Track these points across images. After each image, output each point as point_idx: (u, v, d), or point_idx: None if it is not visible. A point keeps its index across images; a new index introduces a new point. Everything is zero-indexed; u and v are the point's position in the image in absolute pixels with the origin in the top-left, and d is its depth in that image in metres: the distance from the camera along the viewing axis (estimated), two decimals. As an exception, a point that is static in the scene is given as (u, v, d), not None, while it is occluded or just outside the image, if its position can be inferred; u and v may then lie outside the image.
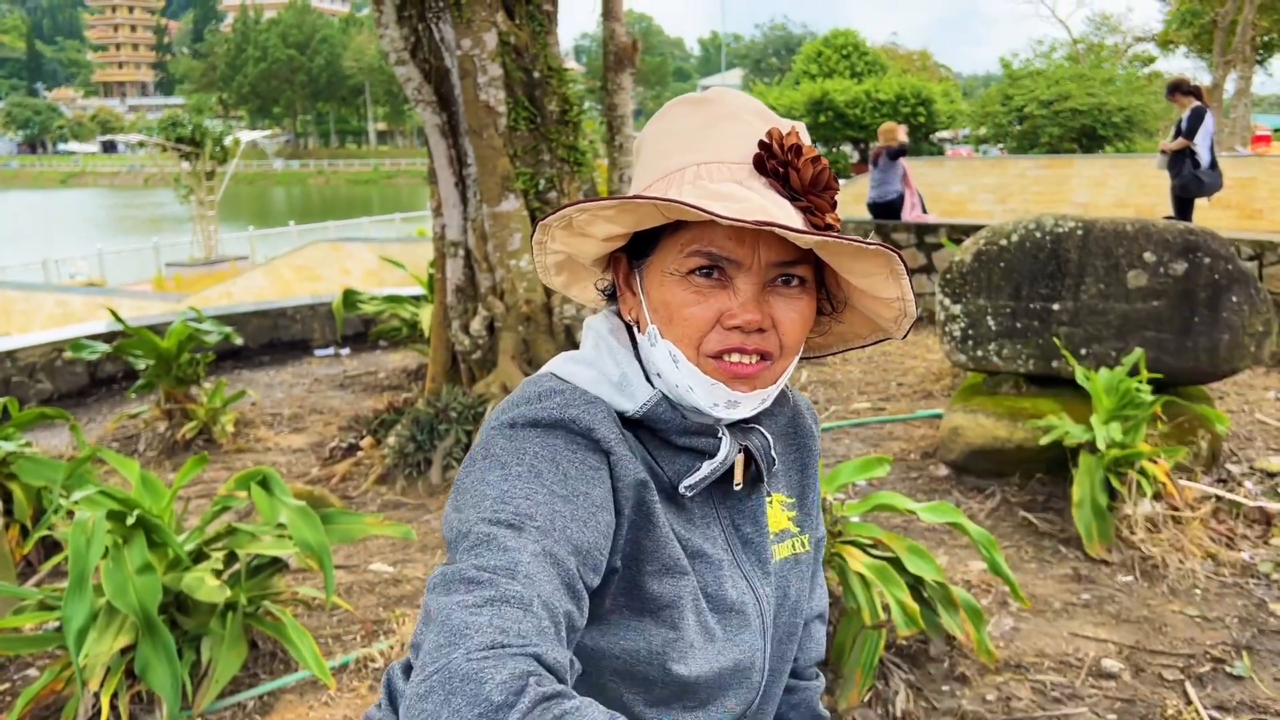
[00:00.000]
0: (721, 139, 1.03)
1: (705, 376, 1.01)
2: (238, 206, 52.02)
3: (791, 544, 1.18)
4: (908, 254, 9.71)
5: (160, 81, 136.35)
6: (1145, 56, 38.56)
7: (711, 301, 1.00)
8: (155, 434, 6.11)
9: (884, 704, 3.02)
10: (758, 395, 1.03)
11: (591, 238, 1.04)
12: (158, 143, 24.19)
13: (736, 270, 1.00)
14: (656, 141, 1.08)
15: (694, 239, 1.00)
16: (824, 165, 1.01)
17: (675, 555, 1.02)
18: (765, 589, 1.11)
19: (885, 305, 1.04)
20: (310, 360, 8.72)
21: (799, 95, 34.66)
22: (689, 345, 1.01)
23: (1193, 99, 9.19)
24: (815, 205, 1.01)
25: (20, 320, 16.32)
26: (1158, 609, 3.69)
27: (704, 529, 1.08)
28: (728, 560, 1.09)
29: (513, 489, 0.91)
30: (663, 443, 1.06)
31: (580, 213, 1.00)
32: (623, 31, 6.26)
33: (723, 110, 1.05)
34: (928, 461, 5.24)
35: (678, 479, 1.05)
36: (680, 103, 1.09)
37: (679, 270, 1.01)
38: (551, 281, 1.16)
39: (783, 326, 1.01)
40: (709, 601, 1.05)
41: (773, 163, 1.01)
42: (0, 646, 3.08)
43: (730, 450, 1.06)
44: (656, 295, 1.03)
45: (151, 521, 3.08)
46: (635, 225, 1.01)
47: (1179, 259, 4.83)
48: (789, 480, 1.21)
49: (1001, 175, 16.03)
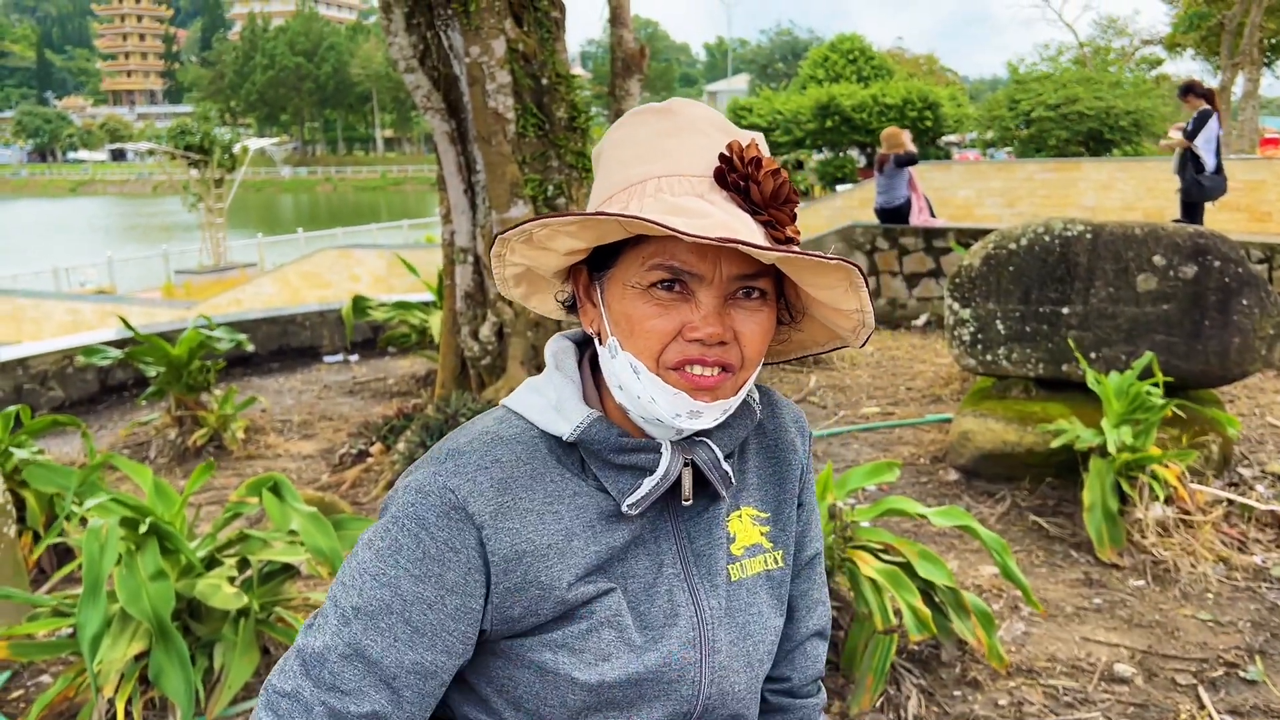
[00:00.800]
0: (682, 151, 1.03)
1: (667, 387, 1.01)
2: (246, 214, 52.20)
3: (764, 559, 1.17)
4: (915, 259, 9.71)
5: (169, 90, 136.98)
6: (1152, 59, 38.51)
7: (673, 314, 1.01)
8: (166, 441, 6.14)
9: (895, 709, 3.02)
10: (719, 405, 1.03)
11: (553, 251, 1.04)
12: (167, 151, 24.31)
13: (698, 284, 1.00)
14: (615, 151, 1.08)
15: (655, 253, 1.00)
16: (784, 178, 1.02)
17: (581, 589, 1.04)
18: (711, 601, 1.11)
19: (844, 316, 1.05)
20: (320, 367, 8.74)
21: (805, 100, 34.65)
22: (649, 357, 1.02)
23: (1202, 102, 9.20)
24: (776, 219, 1.01)
25: (31, 328, 16.39)
26: (1170, 613, 3.68)
27: (651, 543, 1.09)
28: (674, 573, 1.09)
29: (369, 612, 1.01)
30: (605, 462, 1.07)
31: (541, 228, 1.00)
32: (630, 38, 6.27)
33: (683, 121, 1.05)
34: (937, 466, 5.23)
35: (622, 496, 1.06)
36: (640, 112, 1.08)
37: (640, 283, 1.01)
38: (510, 293, 1.17)
39: (744, 339, 1.02)
40: (635, 615, 1.06)
41: (734, 176, 1.01)
42: (14, 653, 3.09)
43: (672, 465, 1.06)
44: (618, 308, 1.04)
45: (164, 528, 3.09)
46: (597, 240, 1.02)
47: (1189, 262, 4.82)
48: (763, 494, 1.20)
49: (1009, 179, 16.01)
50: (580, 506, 1.06)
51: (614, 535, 1.07)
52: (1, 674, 3.42)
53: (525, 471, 1.05)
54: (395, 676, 1.01)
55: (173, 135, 24.33)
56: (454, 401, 5.57)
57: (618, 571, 1.07)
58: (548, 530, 1.03)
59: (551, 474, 1.06)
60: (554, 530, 1.04)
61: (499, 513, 1.02)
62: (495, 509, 1.02)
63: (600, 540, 1.06)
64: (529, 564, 1.02)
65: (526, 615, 1.03)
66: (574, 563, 1.04)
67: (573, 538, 1.04)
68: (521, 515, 1.03)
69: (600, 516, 1.06)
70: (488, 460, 1.04)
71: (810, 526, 1.27)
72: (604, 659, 1.04)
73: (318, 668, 1.01)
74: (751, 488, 1.19)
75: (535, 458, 1.06)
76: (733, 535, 1.15)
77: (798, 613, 1.27)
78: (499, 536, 1.01)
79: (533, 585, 1.02)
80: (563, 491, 1.06)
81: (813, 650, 1.29)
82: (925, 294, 9.67)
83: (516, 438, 1.07)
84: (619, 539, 1.07)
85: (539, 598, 1.02)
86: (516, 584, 1.02)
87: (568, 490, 1.06)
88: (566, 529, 1.04)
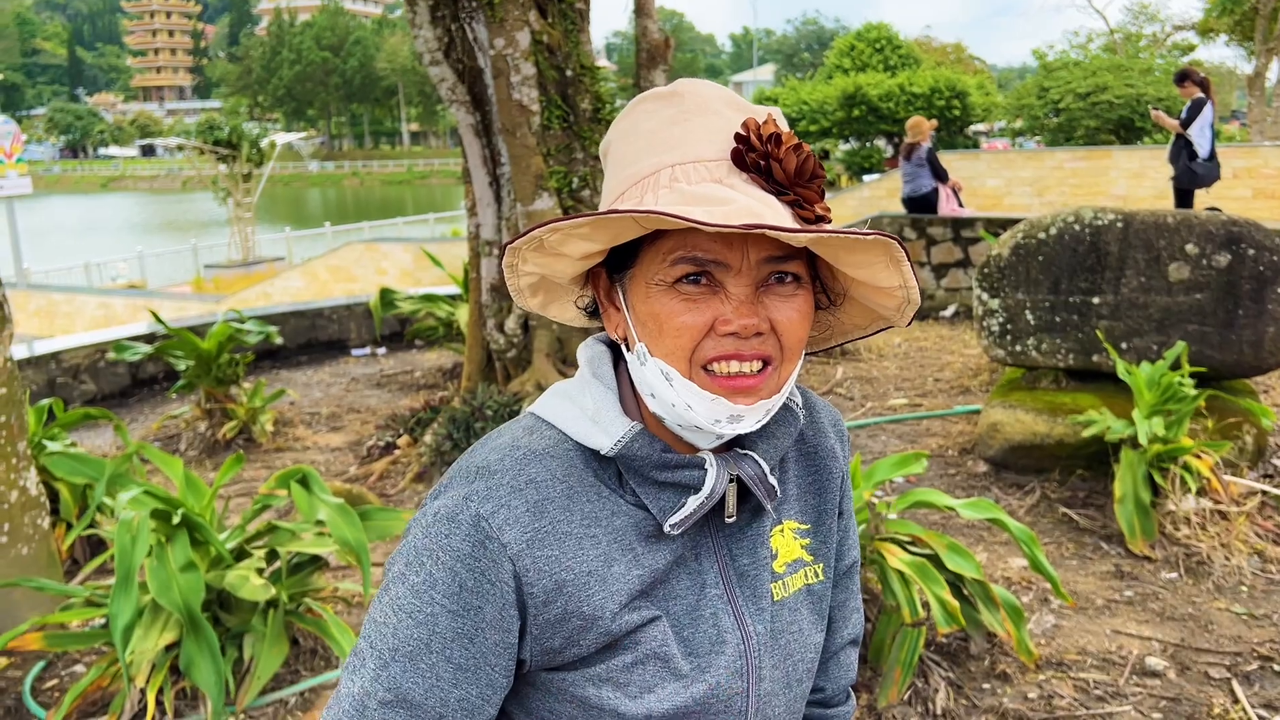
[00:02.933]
0: (694, 135, 0.96)
1: (703, 392, 0.95)
2: (274, 208, 52.59)
3: (805, 573, 1.12)
4: (943, 249, 9.64)
5: (197, 85, 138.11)
6: (1185, 45, 37.94)
7: (703, 308, 0.94)
8: (196, 433, 6.19)
9: (924, 702, 3.00)
10: (761, 407, 0.97)
11: (567, 257, 0.98)
12: (196, 146, 24.51)
13: (725, 274, 0.94)
14: (623, 143, 1.01)
15: (677, 245, 0.94)
16: (807, 152, 0.95)
17: (625, 618, 0.98)
18: (757, 626, 1.05)
19: (886, 294, 0.98)
20: (347, 360, 8.79)
21: (832, 90, 34.44)
22: (681, 359, 0.95)
23: (1197, 89, 9.21)
24: (803, 197, 0.94)
25: (63, 322, 16.61)
26: (1203, 606, 3.63)
27: (693, 563, 1.03)
28: (717, 594, 1.03)
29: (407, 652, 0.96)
30: (646, 479, 1.00)
31: (551, 233, 0.94)
32: (655, 28, 6.25)
33: (692, 104, 0.98)
34: (966, 458, 5.19)
35: (664, 516, 0.99)
36: (646, 99, 1.01)
37: (665, 280, 0.95)
38: (527, 304, 1.10)
39: (781, 327, 0.96)
40: (680, 641, 1.01)
41: (753, 156, 0.94)
42: (48, 643, 3.13)
43: (718, 482, 1.00)
44: (643, 308, 0.97)
45: (194, 520, 3.12)
46: (613, 240, 0.95)
47: (1222, 251, 4.75)
48: (803, 505, 1.14)
49: (1038, 168, 15.85)
50: (618, 528, 0.99)
51: (656, 557, 1.00)
52: (36, 664, 3.47)
53: (561, 491, 0.98)
54: (441, 716, 0.96)
55: (201, 130, 24.53)
56: (480, 394, 5.59)
57: (660, 594, 1.01)
58: (586, 556, 0.97)
59: (588, 492, 0.99)
60: (593, 556, 0.97)
61: (535, 540, 0.95)
62: (531, 537, 0.95)
63: (642, 563, 0.99)
64: (569, 594, 0.96)
65: (568, 646, 0.97)
66: (616, 590, 0.97)
67: (612, 563, 0.98)
68: (559, 541, 0.96)
69: (640, 538, 1.00)
70: (521, 480, 0.97)
71: (848, 534, 1.21)
72: (649, 690, 0.98)
73: (358, 716, 0.96)
74: (792, 499, 1.12)
75: (571, 475, 0.99)
76: (774, 552, 1.09)
77: (834, 623, 1.22)
78: (537, 567, 0.95)
79: (574, 616, 0.96)
80: (600, 512, 0.99)
81: (846, 659, 1.25)
82: (953, 284, 9.60)
83: (550, 451, 1.00)
84: (661, 560, 1.00)
85: (581, 629, 0.97)
86: (557, 616, 0.96)
87: (605, 510, 0.99)
88: (605, 554, 0.98)
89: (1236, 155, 13.93)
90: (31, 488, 3.77)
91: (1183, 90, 9.54)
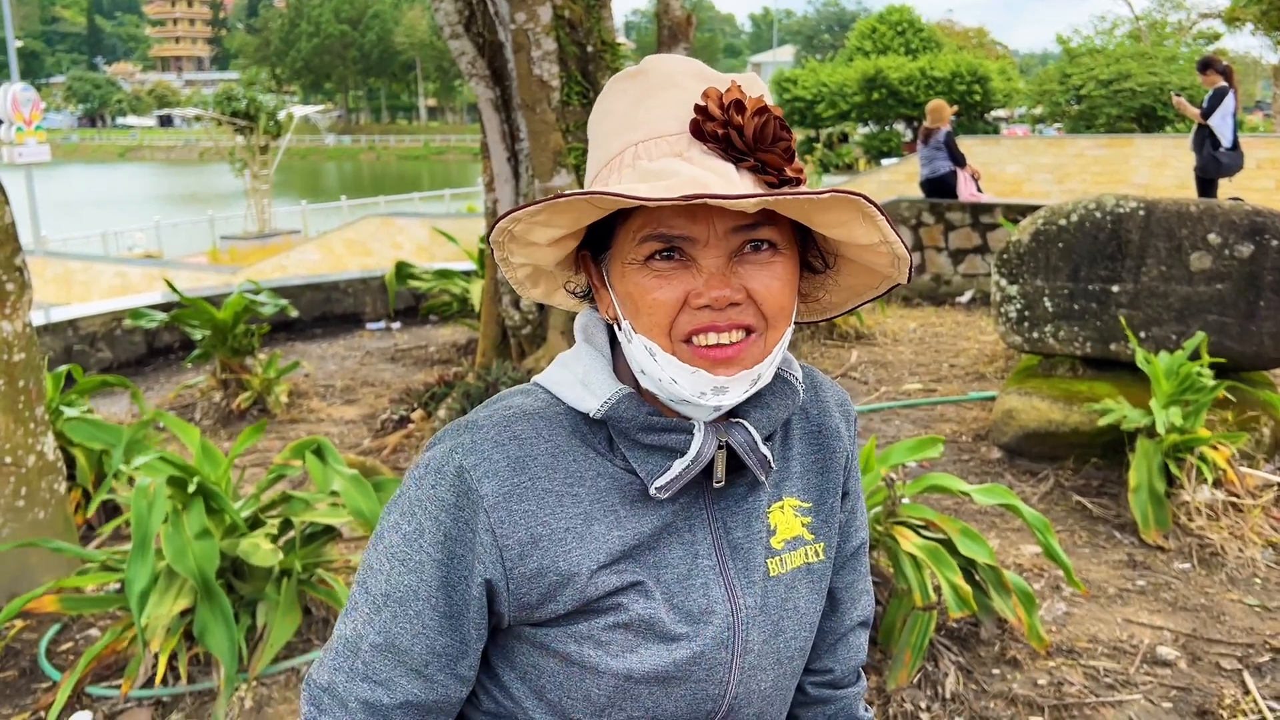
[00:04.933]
0: (658, 111, 0.97)
1: (685, 365, 0.95)
2: (290, 181, 52.64)
3: (805, 552, 1.11)
4: (961, 234, 9.58)
5: (215, 56, 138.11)
6: (1211, 34, 37.53)
7: (675, 283, 0.95)
8: (211, 403, 6.22)
9: (933, 685, 3.00)
10: (745, 377, 0.97)
11: (538, 245, 0.99)
12: (213, 117, 24.53)
13: (694, 247, 0.94)
14: (598, 125, 1.02)
15: (644, 224, 0.94)
16: (770, 116, 0.93)
17: (604, 579, 0.99)
18: (748, 599, 1.05)
19: (874, 252, 0.97)
20: (362, 333, 8.81)
21: (852, 72, 34.22)
22: (660, 334, 0.96)
23: (1220, 78, 9.13)
24: (766, 162, 0.93)
25: (80, 290, 16.70)
26: (1216, 597, 3.62)
27: (685, 532, 1.03)
28: (709, 565, 1.03)
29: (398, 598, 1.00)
30: (633, 441, 1.01)
31: (514, 223, 0.96)
32: (677, 5, 6.21)
33: (658, 80, 0.98)
34: (980, 444, 5.18)
35: (651, 479, 1.00)
36: (617, 79, 1.02)
37: (637, 258, 0.96)
38: (530, 294, 1.11)
39: (759, 295, 0.95)
40: (669, 608, 1.01)
41: (711, 125, 0.93)
42: (64, 606, 3.16)
43: (704, 447, 1.00)
44: (621, 287, 0.99)
45: (210, 488, 3.14)
46: (576, 223, 0.96)
47: (1245, 241, 4.71)
48: (806, 483, 1.13)
49: (1059, 155, 15.73)
50: (602, 489, 1.01)
51: (641, 521, 1.01)
52: (51, 626, 3.50)
53: (546, 449, 1.00)
54: (427, 664, 0.99)
55: (219, 101, 24.54)
56: (495, 370, 5.59)
57: (649, 561, 1.01)
58: (566, 514, 0.99)
59: (575, 453, 1.01)
60: (573, 514, 0.99)
61: (513, 494, 0.98)
62: (509, 490, 0.98)
63: (625, 525, 1.00)
64: (545, 549, 0.98)
65: (545, 602, 0.99)
66: (594, 548, 0.99)
67: (593, 522, 0.99)
68: (539, 497, 0.98)
69: (625, 500, 1.01)
70: (505, 436, 1.00)
71: (856, 515, 1.21)
72: (631, 650, 0.99)
73: (351, 657, 1.00)
74: (795, 476, 1.12)
75: (558, 434, 1.01)
76: (773, 528, 1.09)
77: (842, 605, 1.21)
78: (512, 520, 0.97)
79: (550, 571, 0.98)
80: (585, 472, 1.01)
81: (855, 641, 1.24)
82: (971, 270, 9.54)
83: (540, 412, 1.03)
84: (647, 525, 1.01)
85: (556, 584, 0.98)
86: (533, 570, 0.98)
87: (590, 471, 1.01)
88: (586, 513, 0.99)
89: (1260, 146, 13.80)
90: (49, 452, 3.80)
91: (1205, 79, 9.48)
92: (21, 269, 3.77)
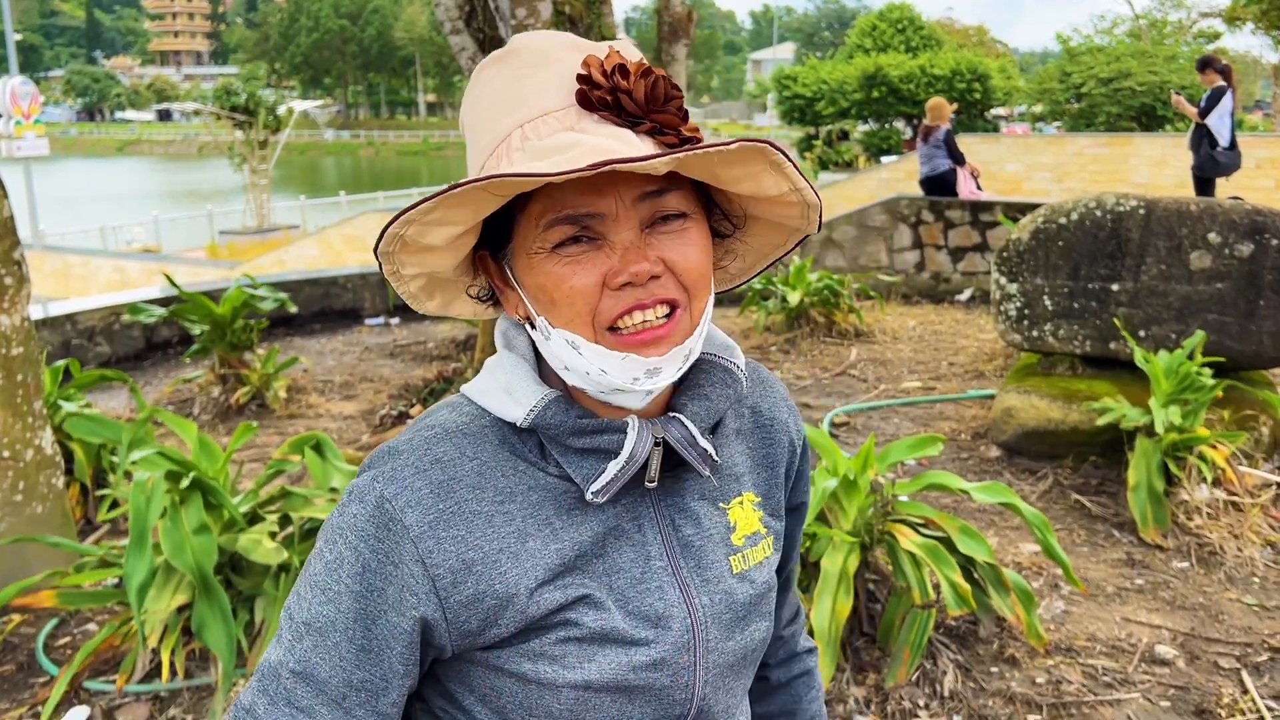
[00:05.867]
0: (538, 88, 0.91)
1: (613, 353, 0.90)
2: (289, 176, 52.59)
3: (763, 546, 1.08)
4: (961, 232, 9.58)
5: (215, 51, 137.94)
6: (1211, 33, 37.52)
7: (589, 266, 0.89)
8: (209, 398, 6.22)
9: (932, 683, 3.00)
10: (677, 354, 0.92)
11: (434, 248, 0.92)
12: (212, 111, 24.50)
13: (603, 224, 0.89)
14: (474, 113, 0.96)
15: (546, 208, 0.89)
16: (657, 76, 0.90)
17: (546, 596, 0.95)
18: (703, 598, 1.00)
19: (783, 204, 0.94)
20: (361, 329, 8.81)
21: (852, 70, 34.18)
22: (583, 324, 0.90)
23: (1219, 77, 9.13)
24: (662, 123, 0.89)
25: (78, 284, 16.68)
26: (1214, 596, 3.62)
27: (634, 534, 0.99)
28: (661, 566, 0.99)
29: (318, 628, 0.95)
30: (565, 447, 0.96)
31: (406, 226, 0.88)
32: (678, 1, 6.20)
33: (530, 57, 0.93)
34: (979, 442, 5.18)
35: (588, 484, 0.95)
36: (486, 64, 0.96)
37: (544, 247, 0.90)
38: (424, 307, 1.03)
39: (677, 266, 0.91)
40: (624, 615, 0.97)
41: (598, 93, 0.89)
42: (62, 600, 3.16)
43: (638, 444, 0.94)
44: (530, 281, 0.93)
45: (208, 483, 3.13)
46: (474, 217, 0.89)
47: (1245, 240, 4.71)
48: (756, 478, 1.10)
49: (1059, 153, 15.72)
50: (535, 503, 0.96)
51: (580, 530, 0.96)
52: (49, 621, 3.49)
53: (471, 469, 0.95)
54: (345, 696, 0.95)
55: (218, 96, 24.50)
56: (493, 366, 5.59)
57: (599, 569, 0.97)
58: (499, 534, 0.94)
59: (504, 467, 0.96)
60: (506, 533, 0.94)
61: (439, 521, 0.92)
62: (435, 518, 0.92)
63: (562, 537, 0.96)
64: (479, 573, 0.93)
65: (487, 627, 0.94)
66: (531, 566, 0.94)
67: (527, 539, 0.94)
68: (467, 520, 0.93)
69: (561, 511, 0.96)
70: (427, 461, 0.94)
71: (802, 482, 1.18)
72: (588, 660, 0.95)
73: (274, 682, 0.96)
74: (748, 471, 1.09)
75: (484, 450, 0.96)
76: (733, 524, 1.05)
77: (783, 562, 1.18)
78: (441, 548, 0.92)
79: (488, 596, 0.93)
80: (516, 487, 0.96)
81: (791, 589, 1.23)
82: (970, 268, 9.54)
83: (464, 428, 0.97)
84: (587, 533, 0.97)
85: (496, 608, 0.93)
86: (470, 596, 0.93)
87: (522, 485, 0.96)
88: (519, 530, 0.94)
89: (1260, 145, 13.79)
90: (47, 447, 3.79)
91: (1204, 78, 9.48)
92: (20, 263, 3.76)
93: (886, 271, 9.75)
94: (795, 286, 7.75)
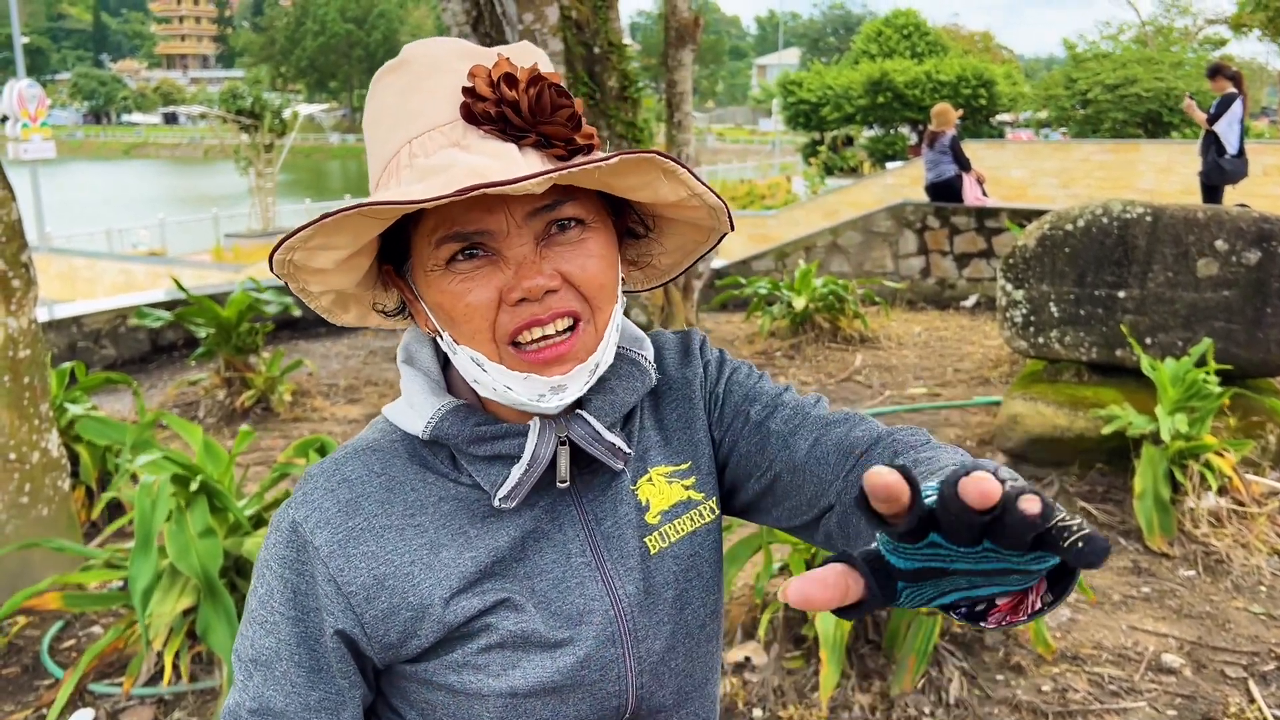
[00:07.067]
0: (427, 101, 0.89)
1: (515, 373, 0.89)
2: (295, 179, 52.66)
3: (691, 516, 1.05)
4: (966, 238, 9.57)
5: (221, 55, 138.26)
6: (1217, 39, 37.52)
7: (483, 283, 0.88)
8: (214, 401, 6.22)
9: (937, 691, 3.00)
10: (584, 370, 0.91)
11: (326, 270, 0.90)
12: (219, 115, 24.54)
13: (496, 240, 0.87)
14: (371, 128, 0.94)
15: (437, 225, 0.87)
16: (545, 84, 0.87)
17: (463, 604, 0.94)
18: (628, 586, 0.99)
19: (687, 208, 0.92)
20: (365, 333, 8.81)
21: (857, 75, 34.18)
22: (484, 341, 0.89)
23: (1229, 84, 9.13)
24: (549, 135, 0.87)
25: (84, 287, 16.71)
26: (1221, 605, 3.61)
27: (554, 534, 0.99)
28: (584, 562, 0.99)
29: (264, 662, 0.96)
30: (470, 455, 0.96)
31: (289, 253, 0.86)
32: (685, 7, 6.21)
33: (421, 68, 0.90)
34: (984, 449, 5.17)
35: (494, 490, 0.95)
36: (381, 74, 0.93)
37: (438, 264, 0.89)
38: (343, 320, 1.03)
39: (575, 278, 0.89)
40: (545, 616, 0.96)
41: (482, 106, 0.86)
42: (67, 603, 3.16)
43: (539, 448, 0.94)
44: (430, 298, 0.92)
45: (213, 487, 3.14)
46: (358, 240, 0.87)
47: (1253, 248, 4.70)
48: (674, 447, 1.06)
49: (1065, 160, 15.72)
50: (447, 513, 0.96)
51: (496, 536, 0.96)
52: (54, 624, 3.49)
53: (378, 485, 0.95)
54: (306, 719, 0.96)
55: (224, 99, 24.55)
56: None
57: (520, 573, 0.96)
58: (410, 546, 0.94)
59: (413, 481, 0.96)
60: (417, 545, 0.94)
61: (348, 539, 0.93)
62: (344, 537, 0.93)
63: (477, 545, 0.95)
64: (392, 587, 0.93)
65: (407, 639, 0.94)
66: (444, 576, 0.94)
67: (440, 549, 0.94)
68: (377, 536, 0.93)
69: (475, 519, 0.96)
70: (335, 481, 0.95)
71: (739, 390, 1.08)
72: (513, 667, 0.95)
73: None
74: (657, 446, 1.05)
75: (393, 466, 0.97)
76: (644, 503, 1.03)
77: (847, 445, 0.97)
78: (352, 565, 0.92)
79: (402, 608, 0.93)
80: (426, 499, 0.96)
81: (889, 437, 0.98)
82: (975, 274, 9.53)
83: (374, 446, 0.98)
84: (504, 539, 0.96)
85: (412, 619, 0.93)
86: (385, 610, 0.93)
87: (433, 496, 0.96)
88: (431, 541, 0.94)
89: (1267, 152, 13.78)
90: (53, 449, 3.79)
91: (1214, 84, 9.47)
92: (28, 266, 3.77)
93: (892, 277, 9.74)
94: (800, 292, 7.74)
